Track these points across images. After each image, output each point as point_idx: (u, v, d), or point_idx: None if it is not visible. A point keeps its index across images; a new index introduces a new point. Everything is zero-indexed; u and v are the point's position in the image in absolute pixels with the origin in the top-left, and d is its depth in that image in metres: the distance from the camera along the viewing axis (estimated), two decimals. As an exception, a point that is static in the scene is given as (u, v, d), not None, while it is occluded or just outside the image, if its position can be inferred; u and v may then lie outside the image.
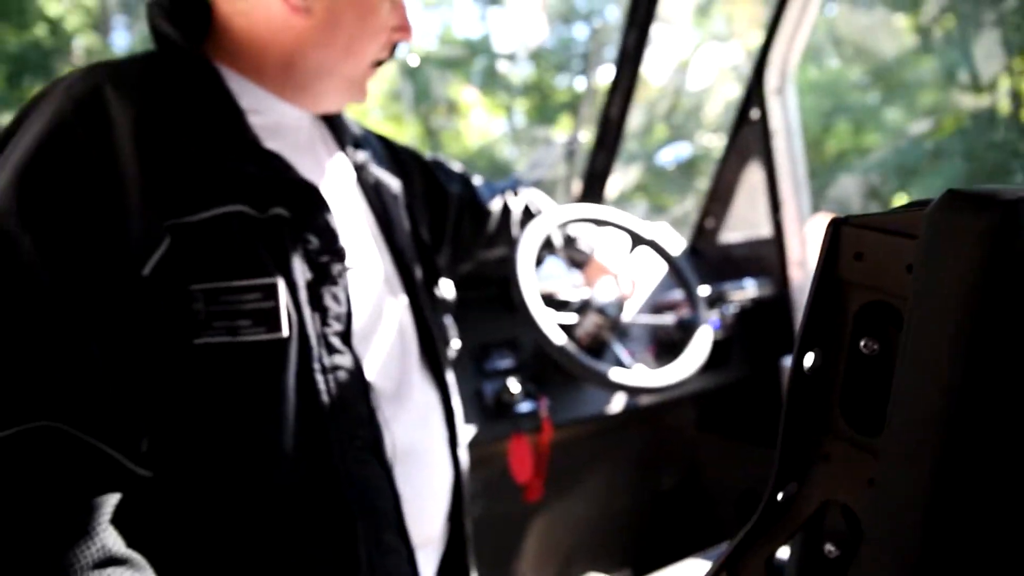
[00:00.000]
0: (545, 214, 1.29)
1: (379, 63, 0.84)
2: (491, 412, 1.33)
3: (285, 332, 0.67)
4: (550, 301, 1.51)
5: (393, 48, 0.84)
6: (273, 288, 0.66)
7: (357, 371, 0.73)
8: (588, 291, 1.36)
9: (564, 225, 1.31)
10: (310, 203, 0.74)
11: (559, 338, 1.18)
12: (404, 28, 0.82)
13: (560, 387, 1.43)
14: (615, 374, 1.20)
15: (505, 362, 1.41)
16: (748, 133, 1.70)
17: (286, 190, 0.72)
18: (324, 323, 0.71)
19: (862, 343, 0.38)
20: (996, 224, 0.29)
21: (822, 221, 1.73)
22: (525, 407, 1.36)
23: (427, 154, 1.14)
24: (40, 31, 7.30)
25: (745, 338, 1.74)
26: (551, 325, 1.19)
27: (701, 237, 1.90)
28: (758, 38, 1.64)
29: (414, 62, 1.28)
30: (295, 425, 0.67)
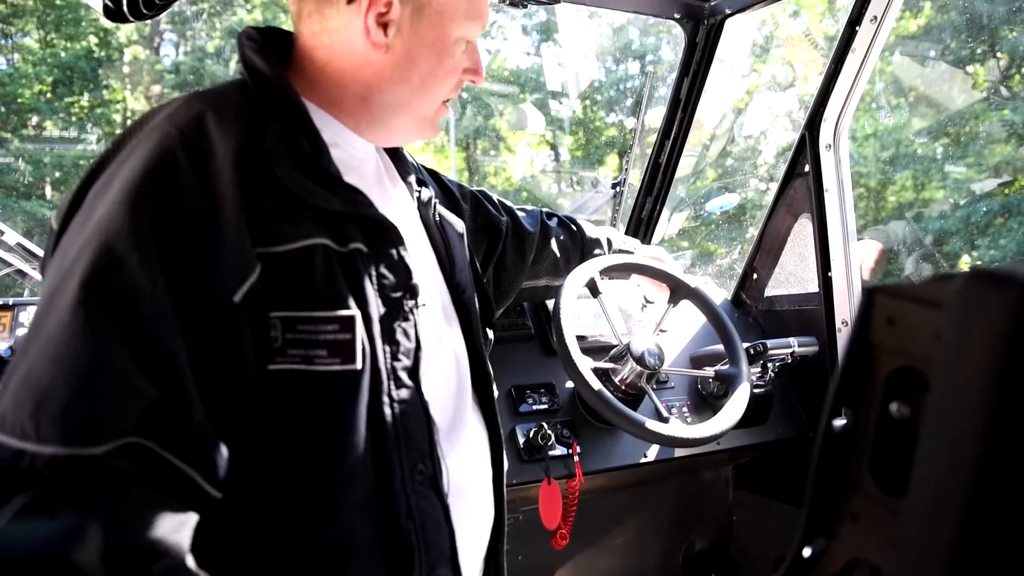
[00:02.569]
0: (589, 261, 1.33)
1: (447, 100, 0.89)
2: (523, 454, 1.36)
3: (359, 364, 0.71)
4: (590, 347, 1.54)
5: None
6: (351, 321, 0.70)
7: (421, 405, 0.77)
8: (627, 339, 1.39)
9: (607, 271, 1.35)
10: (388, 239, 0.79)
11: (596, 383, 1.21)
12: (476, 71, 0.87)
13: (594, 434, 1.45)
14: (651, 424, 1.22)
15: (540, 405, 1.44)
16: (799, 186, 1.72)
17: (366, 225, 0.77)
18: (395, 357, 0.75)
19: (893, 407, 0.41)
20: (1015, 303, 0.32)
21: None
22: (557, 452, 1.38)
23: (472, 187, 1.20)
24: (92, 41, 7.77)
25: (787, 397, 1.74)
26: (588, 370, 1.23)
27: (745, 290, 1.91)
28: (816, 85, 1.67)
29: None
30: (361, 455, 0.71)
